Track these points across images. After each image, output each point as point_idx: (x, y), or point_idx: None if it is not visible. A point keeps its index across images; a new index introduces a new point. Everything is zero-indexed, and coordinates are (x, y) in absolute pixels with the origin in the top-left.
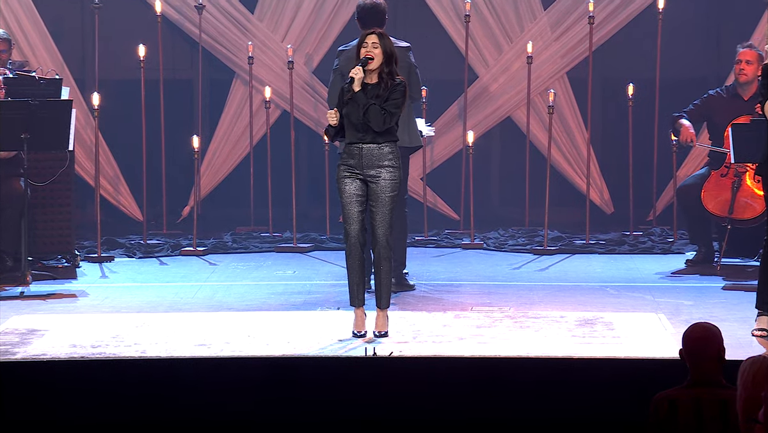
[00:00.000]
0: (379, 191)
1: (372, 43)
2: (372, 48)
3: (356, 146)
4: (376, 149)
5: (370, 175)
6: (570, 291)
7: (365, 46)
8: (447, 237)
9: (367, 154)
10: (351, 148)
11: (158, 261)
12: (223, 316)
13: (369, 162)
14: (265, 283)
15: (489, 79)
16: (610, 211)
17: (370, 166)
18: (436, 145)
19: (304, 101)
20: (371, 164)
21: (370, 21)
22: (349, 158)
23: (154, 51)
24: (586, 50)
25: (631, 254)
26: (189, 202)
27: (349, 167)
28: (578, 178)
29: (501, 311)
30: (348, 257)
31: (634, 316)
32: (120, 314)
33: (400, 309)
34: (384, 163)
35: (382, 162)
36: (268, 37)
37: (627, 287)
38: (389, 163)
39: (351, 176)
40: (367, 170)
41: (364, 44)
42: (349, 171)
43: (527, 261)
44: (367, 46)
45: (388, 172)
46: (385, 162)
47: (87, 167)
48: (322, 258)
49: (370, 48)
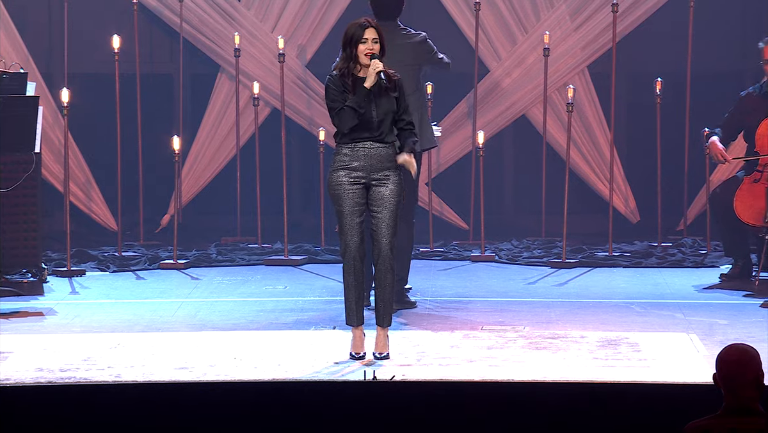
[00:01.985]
0: (387, 195)
1: (373, 39)
2: (372, 44)
3: (364, 146)
4: (384, 149)
5: (377, 178)
6: (591, 308)
7: (364, 41)
8: (455, 248)
9: (376, 155)
10: (357, 149)
11: (134, 275)
12: (207, 336)
13: (378, 164)
14: (253, 299)
15: (501, 73)
16: (635, 220)
17: (378, 168)
18: (443, 147)
19: (297, 98)
20: (380, 166)
21: (387, 11)
22: (352, 160)
23: (130, 42)
24: (609, 41)
25: (660, 267)
26: (169, 209)
27: (352, 170)
28: (600, 183)
29: (515, 331)
30: (345, 272)
31: (662, 336)
32: (92, 335)
33: (402, 328)
34: (390, 165)
35: (388, 163)
36: (257, 27)
37: (655, 304)
38: (395, 164)
39: (353, 182)
40: (375, 173)
41: (363, 40)
42: (352, 176)
43: (544, 275)
44: (367, 42)
45: (395, 174)
46: (392, 162)
47: (55, 171)
48: (316, 272)
49: (371, 44)
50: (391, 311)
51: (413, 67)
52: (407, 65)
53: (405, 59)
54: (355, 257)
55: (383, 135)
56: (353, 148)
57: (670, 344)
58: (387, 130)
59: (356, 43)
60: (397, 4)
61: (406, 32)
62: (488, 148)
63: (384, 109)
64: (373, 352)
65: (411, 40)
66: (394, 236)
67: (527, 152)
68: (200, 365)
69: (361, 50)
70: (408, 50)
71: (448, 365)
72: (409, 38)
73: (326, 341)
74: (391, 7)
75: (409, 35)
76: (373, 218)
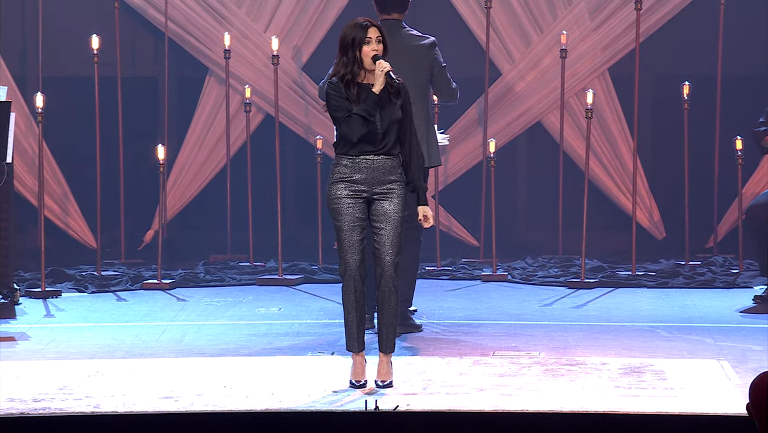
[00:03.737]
0: (391, 211)
1: (377, 38)
2: (377, 44)
3: (366, 158)
4: (389, 161)
5: (379, 192)
6: (613, 333)
7: (368, 42)
8: (464, 267)
9: (379, 167)
10: (358, 161)
11: (115, 296)
12: (194, 362)
13: (381, 177)
14: (244, 322)
15: (514, 76)
16: (661, 237)
17: (381, 181)
18: (451, 157)
19: (292, 103)
20: (383, 179)
21: (391, 5)
22: (353, 173)
23: (111, 43)
24: (632, 41)
25: (687, 288)
26: (152, 225)
27: (353, 183)
28: (622, 196)
29: (529, 357)
30: (345, 293)
31: (690, 363)
32: (68, 361)
33: (407, 354)
34: (394, 177)
35: (393, 176)
36: (249, 27)
37: (682, 328)
38: (399, 177)
39: (353, 196)
40: (377, 186)
41: (367, 41)
42: (352, 189)
43: (561, 296)
44: (372, 42)
45: (399, 187)
46: (395, 176)
47: (29, 183)
48: (313, 292)
49: (375, 44)
50: (395, 335)
51: (419, 72)
52: (414, 70)
53: (411, 63)
54: (355, 277)
55: (387, 146)
56: (354, 159)
57: (699, 371)
58: (392, 141)
59: (359, 45)
60: None
61: (412, 33)
62: (500, 158)
63: (388, 118)
64: (375, 380)
65: (419, 42)
66: (398, 255)
67: (543, 162)
68: (187, 394)
69: (366, 52)
70: (414, 53)
71: (457, 394)
72: (416, 40)
73: (324, 367)
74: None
75: (416, 36)
76: (376, 234)
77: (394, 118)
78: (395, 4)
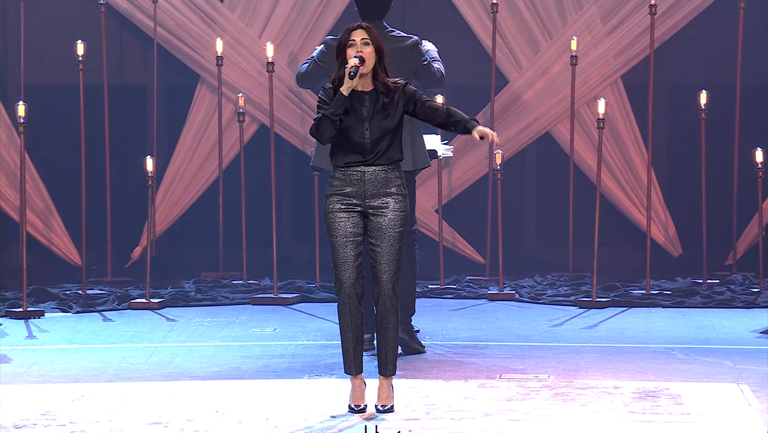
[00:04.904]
0: (386, 226)
1: (361, 40)
2: (362, 46)
3: (356, 170)
4: (382, 173)
5: (374, 206)
6: (626, 355)
7: (352, 44)
8: (469, 285)
9: (371, 179)
10: (349, 173)
11: (101, 317)
12: (185, 386)
13: (374, 190)
14: (237, 344)
15: (522, 84)
16: (677, 253)
17: (374, 195)
18: (455, 169)
19: (288, 113)
20: (376, 192)
21: (371, 8)
22: (344, 186)
23: (97, 49)
24: (646, 48)
25: (705, 307)
26: (141, 241)
27: (345, 197)
28: (636, 210)
29: (538, 380)
30: (340, 312)
31: (708, 387)
32: (51, 385)
33: (409, 377)
34: (391, 190)
35: (389, 188)
36: (242, 32)
37: (699, 349)
38: (397, 189)
39: (347, 209)
40: (371, 200)
41: (351, 42)
42: (345, 203)
43: (571, 316)
44: (356, 45)
45: (396, 201)
46: (392, 188)
47: (10, 197)
48: (310, 312)
49: (360, 47)
50: (396, 357)
51: (404, 74)
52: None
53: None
54: (350, 295)
55: (378, 157)
56: (345, 171)
57: (717, 396)
58: (384, 151)
59: (344, 48)
60: (383, 2)
61: (394, 34)
62: (507, 170)
63: (379, 128)
64: (375, 404)
65: (400, 44)
66: (396, 273)
67: (552, 175)
68: (177, 419)
69: (350, 55)
70: (398, 55)
71: (461, 419)
72: (397, 41)
73: (322, 391)
74: (374, 4)
75: (397, 38)
76: (372, 252)
77: (387, 127)
78: (374, 8)
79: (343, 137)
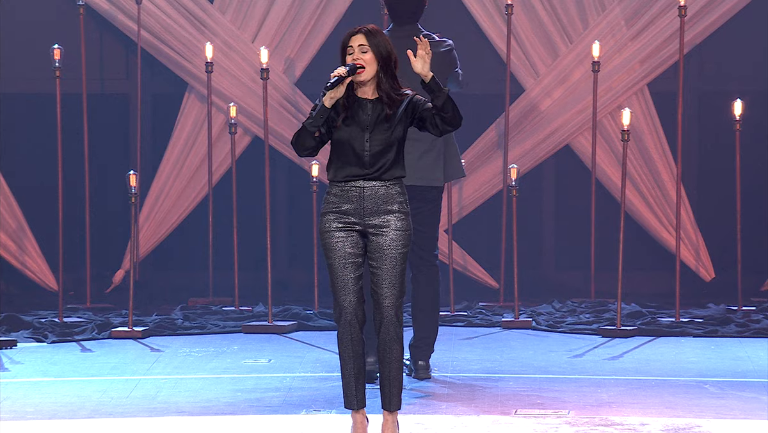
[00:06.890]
0: (387, 246)
1: (359, 46)
2: (359, 53)
3: (355, 185)
4: (383, 188)
5: (374, 225)
6: (654, 388)
7: (350, 51)
8: (482, 312)
9: (371, 196)
10: (347, 189)
11: (79, 347)
12: (171, 422)
13: (373, 207)
14: (228, 376)
15: (540, 93)
16: (709, 278)
17: (374, 212)
18: (467, 185)
19: (283, 123)
20: (376, 210)
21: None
22: (342, 202)
23: (75, 54)
24: (675, 53)
25: (740, 337)
26: (123, 264)
27: (342, 215)
28: (664, 230)
29: (557, 416)
30: (340, 341)
31: (743, 424)
32: (25, 422)
33: (416, 412)
34: (393, 208)
35: (390, 205)
36: (234, 36)
37: (734, 383)
38: (399, 207)
39: (345, 228)
40: (371, 218)
41: (349, 48)
42: (342, 221)
43: (593, 346)
44: (353, 51)
45: (398, 219)
46: (393, 206)
47: None
48: (307, 341)
49: (357, 54)
50: (400, 390)
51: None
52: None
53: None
54: (351, 322)
55: (380, 172)
56: (343, 187)
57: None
58: (386, 166)
59: (343, 54)
60: (417, 4)
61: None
62: (523, 186)
63: (380, 140)
64: None
65: (437, 50)
66: (399, 297)
67: (572, 192)
68: None
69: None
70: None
71: None
72: (434, 46)
73: (320, 428)
74: (408, 6)
75: (434, 43)
76: (373, 274)
77: (391, 140)
78: (407, 11)
79: (341, 148)
